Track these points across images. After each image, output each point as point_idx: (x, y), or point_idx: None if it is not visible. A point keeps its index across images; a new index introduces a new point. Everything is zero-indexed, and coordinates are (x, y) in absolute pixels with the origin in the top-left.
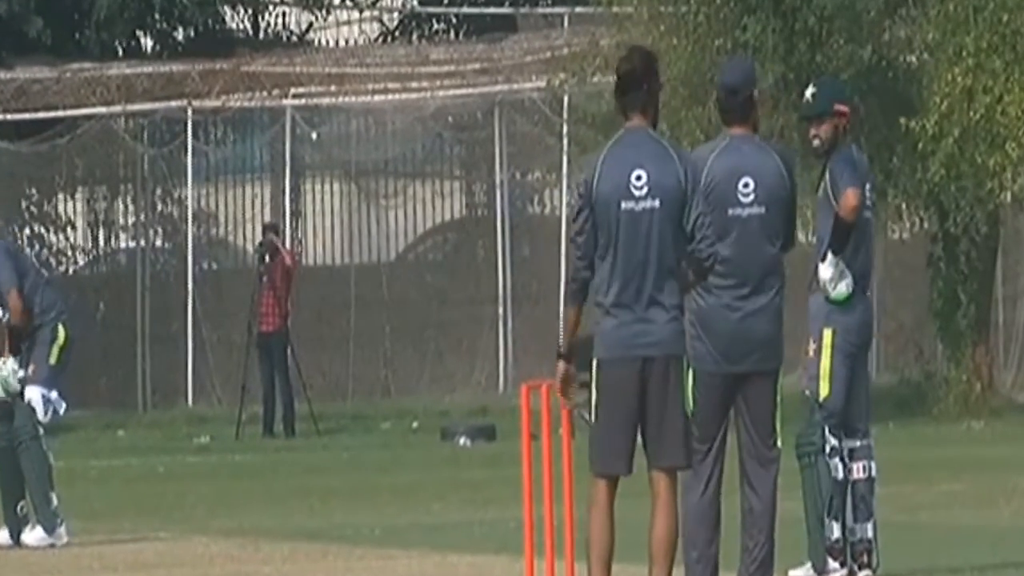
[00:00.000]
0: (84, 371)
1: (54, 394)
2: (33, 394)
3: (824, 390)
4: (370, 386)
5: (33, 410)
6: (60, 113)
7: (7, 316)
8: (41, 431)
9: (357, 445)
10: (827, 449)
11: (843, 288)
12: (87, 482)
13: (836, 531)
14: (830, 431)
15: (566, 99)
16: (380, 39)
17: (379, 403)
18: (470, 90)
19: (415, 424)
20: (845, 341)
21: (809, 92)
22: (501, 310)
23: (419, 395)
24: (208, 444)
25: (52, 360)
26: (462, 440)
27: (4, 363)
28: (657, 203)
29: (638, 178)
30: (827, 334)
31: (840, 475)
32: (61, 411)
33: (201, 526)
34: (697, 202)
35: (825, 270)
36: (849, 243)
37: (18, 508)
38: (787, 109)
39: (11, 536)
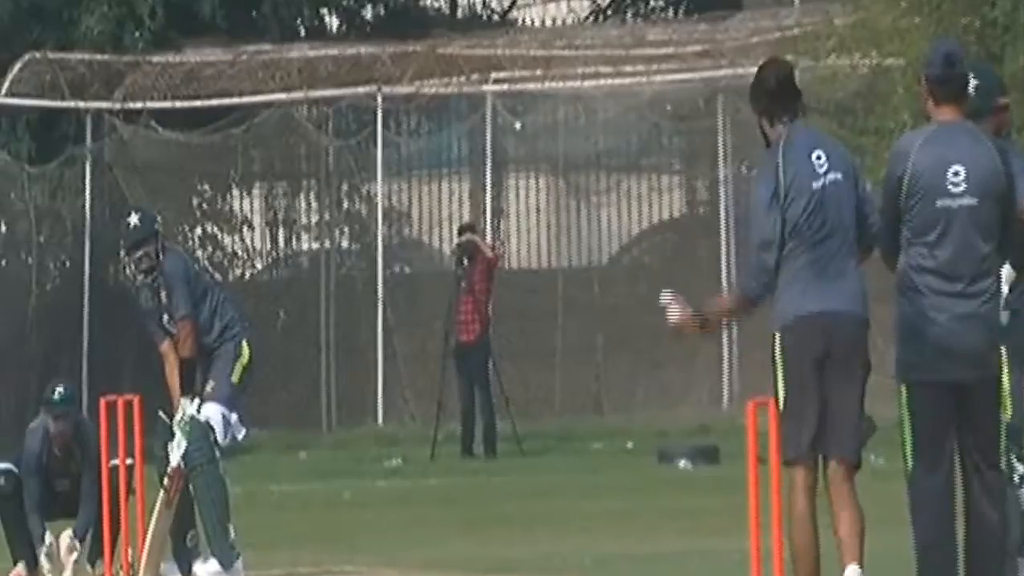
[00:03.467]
0: (263, 386)
1: (234, 416)
2: (212, 412)
3: None
4: (580, 402)
5: (211, 429)
6: (235, 100)
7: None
8: (218, 454)
9: (565, 467)
10: None
11: None
12: (265, 509)
13: None
14: None
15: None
16: (591, 18)
17: (590, 421)
18: (690, 75)
19: (629, 445)
20: None
21: (972, 85)
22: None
23: (634, 412)
24: (400, 467)
25: (234, 378)
26: (682, 463)
27: (183, 410)
28: (840, 176)
29: (818, 157)
30: None
31: None
32: (240, 436)
33: (391, 558)
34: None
35: None
36: None
37: (187, 538)
38: None
39: (180, 569)
